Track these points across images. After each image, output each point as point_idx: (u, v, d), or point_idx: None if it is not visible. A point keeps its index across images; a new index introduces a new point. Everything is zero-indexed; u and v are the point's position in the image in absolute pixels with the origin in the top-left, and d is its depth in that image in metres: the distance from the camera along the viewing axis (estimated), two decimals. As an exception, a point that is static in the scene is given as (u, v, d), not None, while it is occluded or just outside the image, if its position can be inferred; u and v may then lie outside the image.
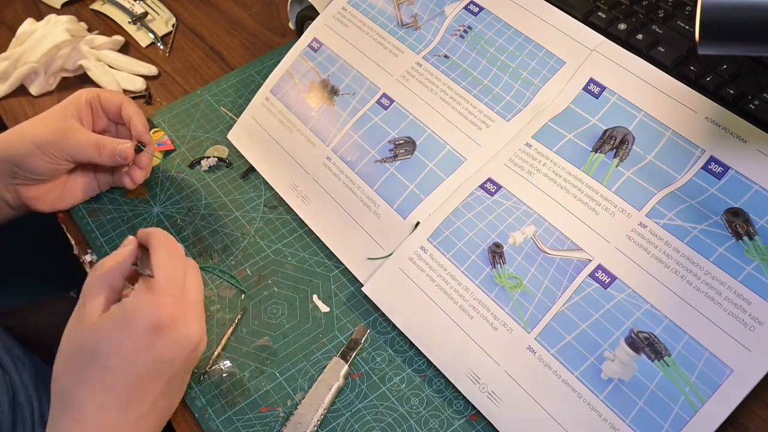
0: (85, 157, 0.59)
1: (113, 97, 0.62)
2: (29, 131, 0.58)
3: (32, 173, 0.59)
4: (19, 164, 0.58)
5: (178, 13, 0.84)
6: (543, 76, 0.58)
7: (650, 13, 0.63)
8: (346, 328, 0.55)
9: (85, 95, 0.61)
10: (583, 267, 0.49)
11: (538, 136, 0.55)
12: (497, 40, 0.61)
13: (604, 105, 0.55)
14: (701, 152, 0.51)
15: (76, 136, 0.58)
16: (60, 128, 0.58)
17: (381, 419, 0.50)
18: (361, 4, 0.67)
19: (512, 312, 0.50)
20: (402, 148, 0.59)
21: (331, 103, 0.64)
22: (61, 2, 0.86)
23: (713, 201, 0.49)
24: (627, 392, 0.45)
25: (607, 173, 0.52)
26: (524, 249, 0.51)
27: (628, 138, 0.53)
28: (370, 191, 0.59)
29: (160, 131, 0.70)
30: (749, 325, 0.44)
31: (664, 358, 0.45)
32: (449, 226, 0.54)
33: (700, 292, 0.46)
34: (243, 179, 0.65)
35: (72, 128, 0.59)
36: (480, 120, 0.58)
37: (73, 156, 0.59)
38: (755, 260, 0.46)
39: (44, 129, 0.58)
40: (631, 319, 0.47)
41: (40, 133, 0.58)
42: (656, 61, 0.59)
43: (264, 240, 0.61)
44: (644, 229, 0.49)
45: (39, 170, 0.58)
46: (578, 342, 0.47)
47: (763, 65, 0.58)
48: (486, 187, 0.55)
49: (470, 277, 0.52)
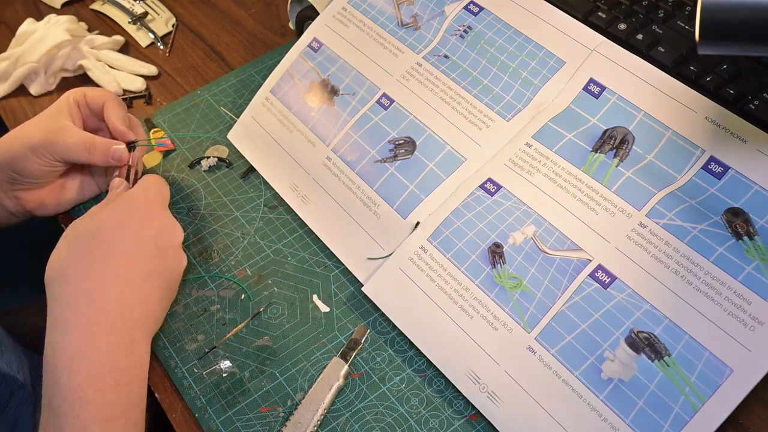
0: (77, 157, 0.58)
1: (97, 95, 0.61)
2: (23, 134, 0.58)
3: (28, 176, 0.58)
4: (15, 169, 0.58)
5: (178, 13, 0.84)
6: (543, 76, 0.58)
7: (650, 13, 0.63)
8: (346, 328, 0.55)
9: (72, 95, 0.61)
10: (583, 267, 0.49)
11: (538, 136, 0.55)
12: (497, 40, 0.61)
13: (604, 105, 0.55)
14: (701, 152, 0.51)
15: (66, 136, 0.57)
16: (51, 129, 0.58)
17: (381, 419, 0.50)
18: (361, 4, 0.67)
19: (512, 312, 0.50)
20: (402, 148, 0.59)
21: (331, 103, 0.64)
22: (61, 2, 0.86)
23: (713, 201, 0.49)
24: (627, 392, 0.45)
25: (607, 173, 0.52)
26: (524, 249, 0.51)
27: (628, 138, 0.53)
28: (370, 191, 0.59)
29: (160, 131, 0.70)
30: (749, 325, 0.44)
31: (664, 358, 0.45)
32: (449, 226, 0.54)
33: (700, 292, 0.46)
34: (243, 179, 0.65)
35: (62, 128, 0.58)
36: (480, 120, 0.58)
37: (64, 157, 0.58)
38: (755, 260, 0.46)
39: (36, 131, 0.58)
40: (631, 319, 0.47)
41: (32, 136, 0.57)
42: (656, 61, 0.59)
43: (264, 240, 0.61)
44: (644, 229, 0.49)
45: (34, 173, 0.58)
46: (578, 342, 0.47)
47: (763, 65, 0.58)
48: (486, 187, 0.55)
49: (470, 277, 0.52)
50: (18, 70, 0.75)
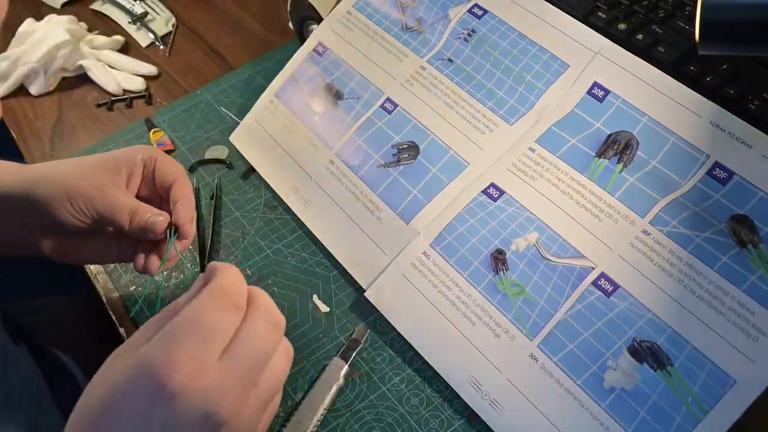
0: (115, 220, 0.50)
1: (172, 168, 0.53)
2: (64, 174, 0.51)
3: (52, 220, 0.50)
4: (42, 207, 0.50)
5: (178, 13, 0.84)
6: (547, 79, 0.57)
7: (650, 13, 0.63)
8: (346, 328, 0.55)
9: (142, 154, 0.52)
10: (586, 275, 0.49)
11: (541, 140, 0.55)
12: (501, 43, 0.60)
13: (608, 109, 0.54)
14: (706, 157, 0.50)
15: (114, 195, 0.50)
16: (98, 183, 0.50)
17: (381, 419, 0.50)
18: (366, 8, 0.67)
19: (515, 319, 0.50)
20: (405, 152, 0.59)
21: (335, 107, 0.63)
22: (61, 2, 0.85)
23: (718, 207, 0.48)
24: (629, 401, 0.45)
25: (610, 179, 0.52)
26: (527, 256, 0.51)
27: (632, 143, 0.53)
28: (373, 196, 0.58)
29: (160, 131, 0.70)
30: (752, 336, 0.44)
31: (666, 368, 0.45)
32: (452, 232, 0.54)
33: (704, 301, 0.46)
34: (243, 179, 0.65)
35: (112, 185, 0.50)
36: (483, 124, 0.58)
37: (102, 216, 0.50)
38: (759, 269, 0.46)
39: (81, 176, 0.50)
40: (633, 327, 0.47)
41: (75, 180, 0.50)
42: (656, 61, 0.59)
43: (264, 240, 0.61)
44: (648, 236, 0.49)
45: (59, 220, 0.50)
46: (581, 350, 0.47)
47: (763, 65, 0.58)
48: (489, 193, 0.55)
49: (473, 284, 0.52)
50: (18, 70, 0.74)
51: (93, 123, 0.73)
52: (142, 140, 0.70)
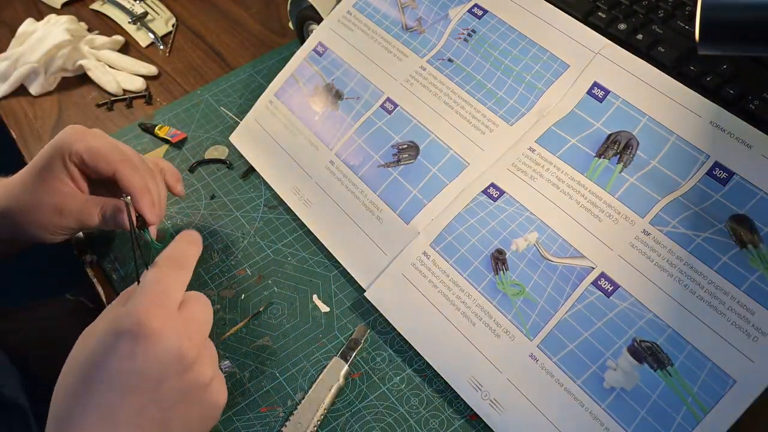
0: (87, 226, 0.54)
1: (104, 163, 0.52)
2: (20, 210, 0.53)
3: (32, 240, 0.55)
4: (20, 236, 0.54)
5: (178, 13, 0.84)
6: (547, 79, 0.57)
7: (650, 13, 0.63)
8: (346, 328, 0.55)
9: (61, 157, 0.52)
10: (586, 275, 0.49)
11: (541, 140, 0.55)
12: (501, 43, 0.60)
13: (608, 109, 0.55)
14: (706, 157, 0.50)
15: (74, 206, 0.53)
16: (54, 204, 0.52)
17: (381, 419, 0.50)
18: (366, 8, 0.67)
19: (515, 319, 0.50)
20: (405, 152, 0.59)
21: (335, 107, 0.63)
22: (61, 2, 0.85)
23: (718, 208, 0.49)
24: (629, 402, 0.45)
25: (610, 179, 0.52)
26: (527, 256, 0.51)
27: (632, 143, 0.53)
28: (373, 196, 0.58)
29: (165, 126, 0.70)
30: (752, 336, 0.44)
31: (666, 368, 0.45)
32: (452, 232, 0.54)
33: (704, 301, 0.46)
34: (243, 179, 0.65)
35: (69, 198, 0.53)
36: (483, 124, 0.58)
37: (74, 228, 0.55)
38: (759, 270, 0.46)
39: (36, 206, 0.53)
40: (633, 328, 0.47)
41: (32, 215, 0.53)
42: (656, 61, 0.59)
43: (264, 240, 0.61)
44: (648, 236, 0.49)
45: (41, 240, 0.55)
46: (581, 350, 0.47)
47: (763, 65, 0.58)
48: (489, 193, 0.55)
49: (473, 284, 0.52)
50: (18, 70, 0.74)
51: (93, 123, 0.73)
52: (142, 140, 0.70)
